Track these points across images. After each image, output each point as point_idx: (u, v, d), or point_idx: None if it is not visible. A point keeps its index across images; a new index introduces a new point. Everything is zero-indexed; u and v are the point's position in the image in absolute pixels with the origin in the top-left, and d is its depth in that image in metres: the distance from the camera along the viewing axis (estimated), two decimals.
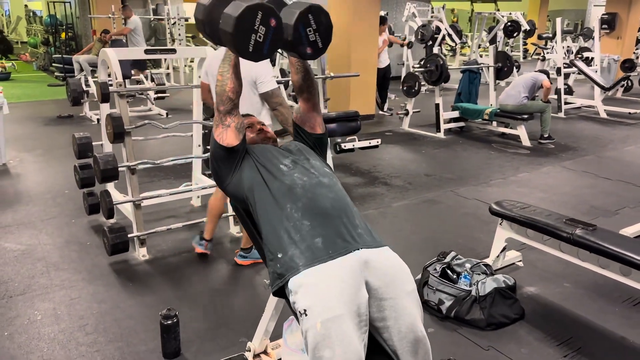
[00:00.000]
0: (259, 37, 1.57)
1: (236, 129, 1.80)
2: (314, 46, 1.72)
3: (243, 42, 1.57)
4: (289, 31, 1.66)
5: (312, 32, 1.69)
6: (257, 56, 1.61)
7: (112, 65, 3.14)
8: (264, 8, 1.56)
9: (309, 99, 1.96)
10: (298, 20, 1.65)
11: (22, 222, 3.79)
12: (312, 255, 1.55)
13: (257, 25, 1.56)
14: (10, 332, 2.50)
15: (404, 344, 1.58)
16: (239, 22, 1.54)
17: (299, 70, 1.91)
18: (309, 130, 1.98)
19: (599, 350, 2.41)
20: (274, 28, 1.58)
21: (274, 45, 1.61)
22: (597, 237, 2.47)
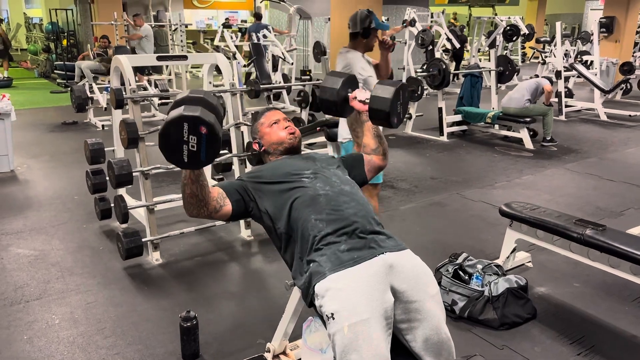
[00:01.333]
0: (192, 146, 1.48)
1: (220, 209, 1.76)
2: (399, 117, 1.97)
3: (176, 155, 1.50)
4: (386, 103, 1.87)
5: (399, 106, 1.94)
6: (196, 164, 1.53)
7: (126, 72, 3.19)
8: (190, 119, 1.47)
9: (384, 159, 2.13)
10: (394, 96, 1.88)
11: (34, 227, 3.82)
12: (338, 261, 1.59)
13: (185, 136, 1.47)
14: (29, 336, 2.53)
15: (429, 346, 1.61)
16: (165, 138, 1.48)
17: (374, 135, 2.09)
18: (366, 173, 2.10)
19: (611, 349, 2.45)
20: (207, 134, 1.48)
21: (212, 151, 1.52)
22: (607, 237, 2.51)
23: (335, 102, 2.06)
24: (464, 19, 20.57)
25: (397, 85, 1.92)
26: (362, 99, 2.04)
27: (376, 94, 1.91)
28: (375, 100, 1.91)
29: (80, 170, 3.85)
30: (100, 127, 7.16)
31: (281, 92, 8.73)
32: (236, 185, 1.84)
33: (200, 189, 1.65)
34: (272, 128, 2.04)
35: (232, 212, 1.79)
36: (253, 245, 3.58)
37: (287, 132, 2.03)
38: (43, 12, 16.76)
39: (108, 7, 10.90)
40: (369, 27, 3.13)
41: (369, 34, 3.15)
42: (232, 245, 3.58)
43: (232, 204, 1.78)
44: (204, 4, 18.14)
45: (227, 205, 1.77)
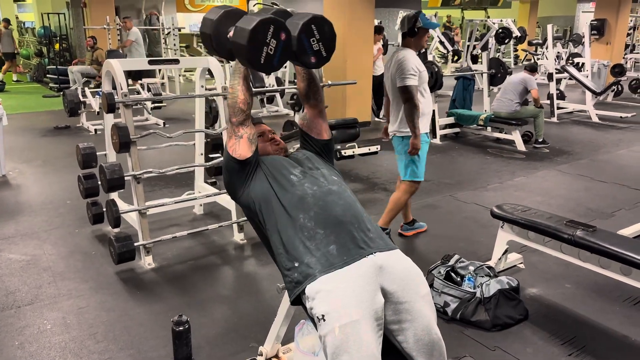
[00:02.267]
0: (270, 49, 1.63)
1: (249, 140, 1.84)
2: (318, 55, 1.76)
3: (256, 55, 1.63)
4: (293, 41, 1.69)
5: (315, 42, 1.73)
6: (268, 68, 1.67)
7: (117, 76, 3.18)
8: (276, 22, 1.62)
9: (316, 105, 2.01)
10: (301, 31, 1.69)
11: (26, 232, 3.81)
12: (328, 262, 1.59)
13: (268, 38, 1.62)
14: (20, 341, 2.52)
15: (420, 346, 1.62)
16: (253, 35, 1.60)
17: (304, 78, 1.98)
18: (315, 136, 2.03)
19: (602, 349, 2.46)
20: (284, 41, 1.64)
21: (284, 58, 1.67)
22: (597, 238, 2.53)
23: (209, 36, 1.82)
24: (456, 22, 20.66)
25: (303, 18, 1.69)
26: None
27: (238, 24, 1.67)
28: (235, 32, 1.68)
29: (73, 174, 3.84)
30: (93, 132, 7.14)
31: (274, 95, 8.73)
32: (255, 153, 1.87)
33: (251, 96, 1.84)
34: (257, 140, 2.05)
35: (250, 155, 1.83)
36: (246, 249, 3.58)
37: (272, 144, 2.05)
38: (35, 16, 16.71)
39: (100, 11, 10.89)
40: (414, 27, 3.32)
41: (415, 34, 3.33)
42: (225, 248, 3.58)
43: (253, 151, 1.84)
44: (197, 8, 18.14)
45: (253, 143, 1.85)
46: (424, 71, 3.35)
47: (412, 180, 3.50)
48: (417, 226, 3.86)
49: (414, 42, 3.39)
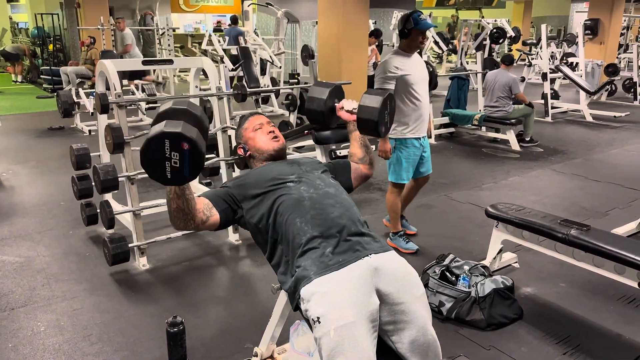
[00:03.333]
0: (175, 162, 1.46)
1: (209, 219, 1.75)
2: (386, 126, 2.00)
3: (159, 172, 1.48)
4: (374, 113, 1.89)
5: (386, 115, 1.97)
6: (179, 180, 1.51)
7: (111, 77, 3.17)
8: (171, 135, 1.44)
9: (371, 168, 2.19)
10: (382, 105, 1.90)
11: (19, 234, 3.78)
12: (323, 265, 1.59)
13: (168, 153, 1.45)
14: (14, 344, 2.50)
15: (415, 347, 1.62)
16: (146, 156, 1.46)
17: (361, 145, 2.15)
18: (352, 181, 2.13)
19: (596, 348, 2.47)
20: (189, 150, 1.46)
21: (195, 166, 1.49)
22: (591, 237, 2.54)
23: (322, 112, 2.07)
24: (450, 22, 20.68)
25: (384, 94, 1.93)
26: (349, 108, 2.07)
27: (364, 103, 1.93)
28: (363, 110, 1.93)
29: (67, 176, 3.82)
30: (87, 132, 7.11)
31: (269, 95, 8.73)
32: (222, 193, 1.83)
33: (186, 203, 1.62)
34: (256, 133, 2.05)
35: (220, 222, 1.78)
36: (241, 250, 3.58)
37: (270, 136, 2.03)
38: (29, 16, 16.63)
39: (94, 11, 10.84)
40: (405, 29, 3.25)
41: (407, 35, 3.26)
42: (219, 249, 3.57)
43: (220, 214, 1.78)
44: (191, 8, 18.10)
45: (214, 215, 1.76)
46: (410, 74, 3.27)
47: (395, 182, 3.45)
48: (403, 224, 3.77)
49: (406, 44, 3.31)
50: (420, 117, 3.36)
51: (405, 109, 3.31)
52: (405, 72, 3.26)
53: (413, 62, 3.34)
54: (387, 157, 3.29)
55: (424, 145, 3.47)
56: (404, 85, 3.27)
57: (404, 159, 3.38)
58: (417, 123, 3.36)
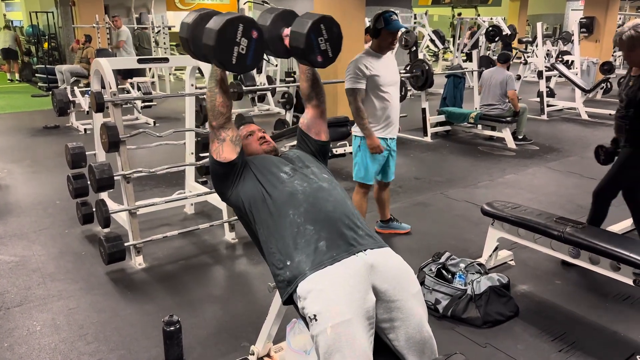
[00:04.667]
0: (242, 49, 1.59)
1: (232, 142, 1.83)
2: (325, 55, 1.78)
3: (226, 55, 1.59)
4: (301, 39, 1.70)
5: (323, 42, 1.76)
6: (241, 68, 1.63)
7: (106, 75, 3.16)
8: (245, 20, 1.58)
9: (318, 106, 2.03)
10: (310, 30, 1.71)
11: (15, 233, 3.77)
12: (318, 259, 1.59)
13: (238, 37, 1.57)
14: (10, 343, 2.49)
15: (411, 344, 1.62)
16: (221, 35, 1.56)
17: (308, 78, 1.99)
18: (314, 136, 2.04)
19: (592, 345, 2.48)
20: (256, 39, 1.60)
21: (258, 56, 1.63)
22: (587, 235, 2.55)
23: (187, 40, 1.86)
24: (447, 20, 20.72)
25: (314, 17, 1.76)
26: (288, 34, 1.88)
27: (294, 27, 1.76)
28: (293, 35, 1.77)
29: (62, 175, 3.81)
30: (83, 131, 7.09)
31: (265, 94, 8.72)
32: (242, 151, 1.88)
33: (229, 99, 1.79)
34: (247, 140, 2.05)
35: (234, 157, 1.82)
36: (237, 248, 3.57)
37: (262, 143, 2.05)
38: (24, 14, 16.57)
39: (89, 9, 10.81)
40: (375, 27, 3.19)
41: (377, 34, 3.20)
42: (216, 248, 3.56)
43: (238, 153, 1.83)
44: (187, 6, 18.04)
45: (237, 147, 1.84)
46: (379, 75, 3.21)
47: (361, 182, 3.43)
48: (394, 226, 3.76)
49: (377, 44, 3.24)
50: (388, 118, 3.33)
51: (372, 108, 3.28)
52: (374, 72, 3.20)
53: (384, 63, 3.28)
54: (380, 152, 3.29)
55: (391, 147, 3.42)
56: (372, 86, 3.24)
57: (369, 159, 3.34)
58: (385, 123, 3.33)
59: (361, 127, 3.26)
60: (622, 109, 3.07)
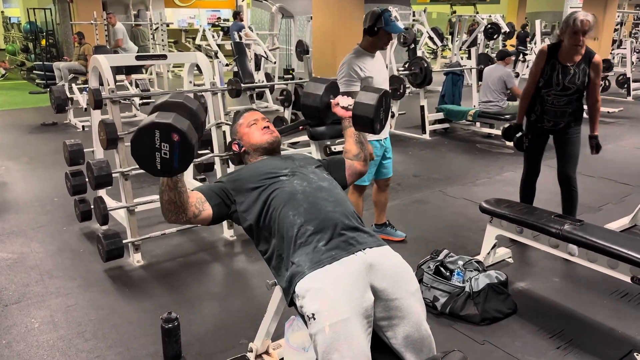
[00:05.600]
0: (165, 154, 1.46)
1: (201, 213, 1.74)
2: (381, 123, 1.99)
3: (147, 162, 1.47)
4: (370, 110, 1.89)
5: (382, 112, 1.97)
6: (169, 172, 1.50)
7: (104, 72, 3.15)
8: (161, 126, 1.44)
9: (365, 163, 2.16)
10: (378, 102, 1.91)
11: (12, 230, 3.76)
12: (316, 258, 1.59)
13: (157, 143, 1.45)
14: (8, 340, 2.49)
15: (409, 343, 1.62)
16: (136, 146, 1.46)
17: (357, 141, 2.12)
18: (347, 178, 2.11)
19: (589, 342, 2.49)
20: (179, 142, 1.45)
21: (185, 158, 1.48)
22: (585, 232, 2.55)
23: (317, 108, 2.07)
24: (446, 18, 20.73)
25: (380, 92, 1.94)
26: (344, 105, 2.07)
27: (360, 100, 1.93)
28: (359, 106, 1.93)
29: (60, 172, 3.80)
30: (81, 128, 7.07)
31: (264, 91, 8.71)
32: (216, 188, 1.83)
33: (178, 196, 1.61)
34: (250, 128, 2.04)
35: (212, 216, 1.78)
36: (236, 245, 3.57)
37: (265, 132, 2.03)
38: (21, 11, 16.51)
39: (87, 6, 10.77)
40: (374, 26, 3.11)
41: (374, 33, 3.13)
42: (214, 245, 3.56)
43: (213, 208, 1.77)
44: (185, 3, 18.01)
45: (206, 209, 1.75)
46: (373, 76, 3.15)
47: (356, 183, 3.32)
48: (387, 231, 3.63)
49: (371, 43, 3.17)
50: None
51: None
52: (368, 74, 3.15)
53: (375, 62, 3.23)
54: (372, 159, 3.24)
55: (386, 146, 3.38)
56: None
57: None
58: None
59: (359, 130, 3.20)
60: (566, 96, 3.34)
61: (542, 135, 3.54)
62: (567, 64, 3.28)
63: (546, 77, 3.32)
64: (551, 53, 3.32)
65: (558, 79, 3.28)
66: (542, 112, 3.43)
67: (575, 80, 3.28)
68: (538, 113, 3.45)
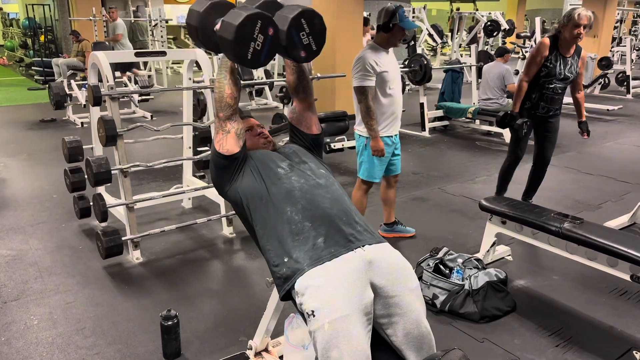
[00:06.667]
0: (257, 45, 1.60)
1: (236, 135, 1.82)
2: (308, 49, 1.73)
3: (242, 50, 1.60)
4: (282, 36, 1.66)
5: (305, 36, 1.70)
6: (256, 63, 1.65)
7: (103, 69, 3.14)
8: (263, 17, 1.59)
9: (305, 99, 2.00)
10: (291, 25, 1.66)
11: (11, 227, 3.76)
12: (315, 255, 1.59)
13: (256, 33, 1.59)
14: (7, 337, 2.49)
15: (409, 340, 1.62)
16: (240, 30, 1.57)
17: (294, 71, 1.96)
18: (305, 130, 2.02)
19: (588, 340, 2.49)
20: (272, 37, 1.61)
21: (271, 53, 1.65)
22: (584, 230, 2.55)
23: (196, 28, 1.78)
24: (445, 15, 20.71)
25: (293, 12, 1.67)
26: None
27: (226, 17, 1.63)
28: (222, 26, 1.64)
29: (59, 168, 3.80)
30: (80, 125, 7.06)
31: (263, 88, 8.69)
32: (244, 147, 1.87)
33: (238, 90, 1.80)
34: (245, 135, 2.03)
35: (237, 151, 1.81)
36: (235, 243, 3.57)
37: (260, 138, 2.03)
38: (20, 7, 16.46)
39: (86, 2, 10.75)
40: (389, 23, 3.12)
41: (388, 30, 3.15)
42: (213, 242, 3.56)
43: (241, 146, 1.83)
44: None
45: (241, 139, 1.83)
46: (388, 71, 3.16)
47: (366, 179, 3.37)
48: (398, 229, 3.64)
49: (386, 39, 3.17)
50: (393, 114, 3.29)
51: (380, 105, 3.21)
52: (383, 68, 3.15)
53: (389, 58, 3.24)
54: (382, 155, 3.24)
55: (396, 142, 3.38)
56: (381, 82, 3.17)
57: (376, 158, 3.29)
58: (390, 120, 3.28)
59: (369, 127, 3.18)
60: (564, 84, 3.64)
61: (533, 122, 3.78)
62: (566, 56, 3.55)
63: (550, 67, 3.53)
64: (553, 45, 3.53)
65: (560, 69, 3.54)
66: (539, 99, 3.66)
67: (573, 70, 3.59)
68: (534, 101, 3.68)
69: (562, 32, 3.50)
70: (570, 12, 3.48)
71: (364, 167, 3.37)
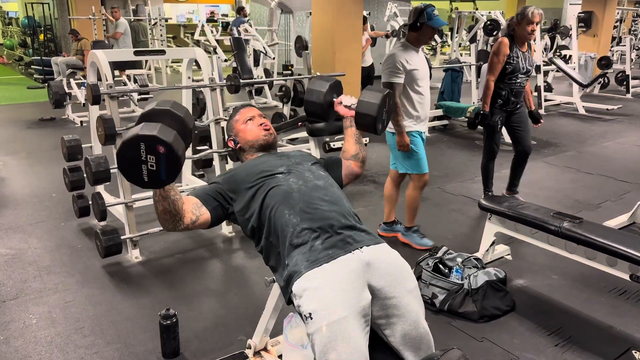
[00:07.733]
0: (151, 166, 1.44)
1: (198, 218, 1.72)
2: (383, 124, 2.04)
3: (134, 175, 1.45)
4: (373, 108, 1.94)
5: (384, 113, 2.01)
6: (157, 183, 1.49)
7: (102, 67, 3.14)
8: (146, 138, 1.41)
9: (362, 165, 2.13)
10: (382, 102, 1.95)
11: (10, 226, 3.75)
12: (313, 257, 1.58)
13: (143, 156, 1.42)
14: (5, 336, 2.48)
15: (408, 341, 1.62)
16: (122, 158, 1.44)
17: (356, 142, 2.10)
18: (343, 179, 2.08)
19: (588, 339, 2.49)
20: (165, 154, 1.43)
21: (172, 170, 1.46)
22: (584, 230, 2.55)
23: (320, 106, 2.11)
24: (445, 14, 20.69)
25: (383, 92, 1.99)
26: (347, 104, 2.10)
27: (363, 98, 1.97)
28: (362, 105, 1.97)
29: (58, 167, 3.79)
30: (79, 124, 7.06)
31: (263, 87, 8.68)
32: (211, 191, 1.81)
33: (172, 205, 1.60)
34: (246, 125, 2.02)
35: (210, 221, 1.76)
36: (234, 242, 3.57)
37: (261, 128, 2.01)
38: (19, 6, 16.44)
39: (86, 1, 10.72)
40: (417, 22, 3.15)
41: (417, 29, 3.18)
42: (213, 242, 3.56)
43: (210, 212, 1.76)
44: None
45: (204, 214, 1.74)
46: (418, 69, 3.20)
47: (417, 173, 3.38)
48: (397, 229, 3.61)
49: (415, 38, 3.21)
50: (423, 112, 3.32)
51: (410, 102, 3.25)
52: (413, 67, 3.18)
53: (419, 57, 3.27)
54: (408, 150, 3.26)
55: (424, 139, 3.41)
56: (411, 81, 3.20)
57: (419, 149, 3.32)
58: (419, 116, 3.32)
59: (395, 122, 3.19)
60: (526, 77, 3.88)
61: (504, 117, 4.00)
62: (524, 51, 3.84)
63: (514, 63, 3.78)
64: (511, 43, 3.80)
65: (523, 63, 3.81)
66: (509, 95, 3.87)
67: (531, 63, 3.89)
68: (505, 97, 3.88)
69: (515, 30, 3.78)
70: (524, 10, 3.72)
71: (410, 164, 3.35)
